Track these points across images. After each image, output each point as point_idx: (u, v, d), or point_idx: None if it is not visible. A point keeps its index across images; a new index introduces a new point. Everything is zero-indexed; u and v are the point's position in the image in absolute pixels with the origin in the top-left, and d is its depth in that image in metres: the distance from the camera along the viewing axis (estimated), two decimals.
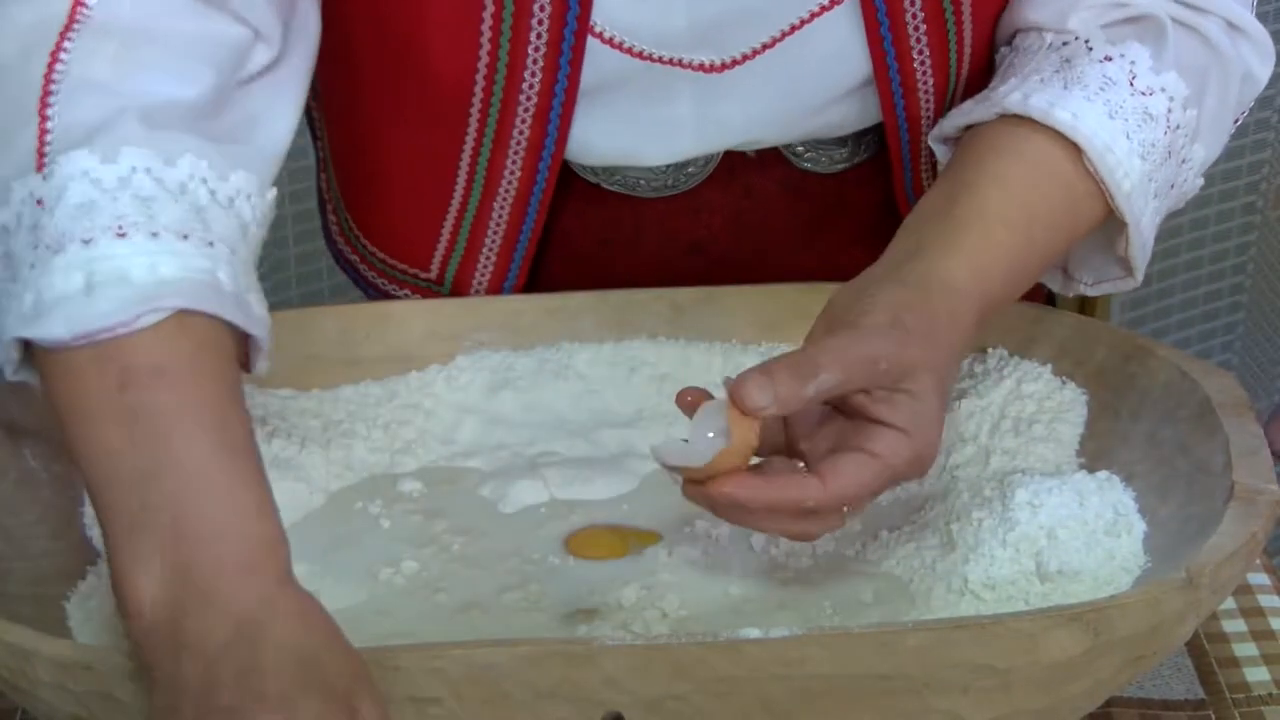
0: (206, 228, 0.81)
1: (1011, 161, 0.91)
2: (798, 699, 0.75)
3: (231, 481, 0.76)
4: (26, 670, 0.75)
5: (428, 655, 0.74)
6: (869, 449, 0.81)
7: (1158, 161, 0.92)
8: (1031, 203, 0.90)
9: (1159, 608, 0.77)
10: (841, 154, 1.07)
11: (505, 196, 1.03)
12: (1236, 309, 2.32)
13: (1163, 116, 0.92)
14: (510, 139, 1.00)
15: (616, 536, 0.93)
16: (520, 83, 0.97)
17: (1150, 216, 0.93)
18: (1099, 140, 0.90)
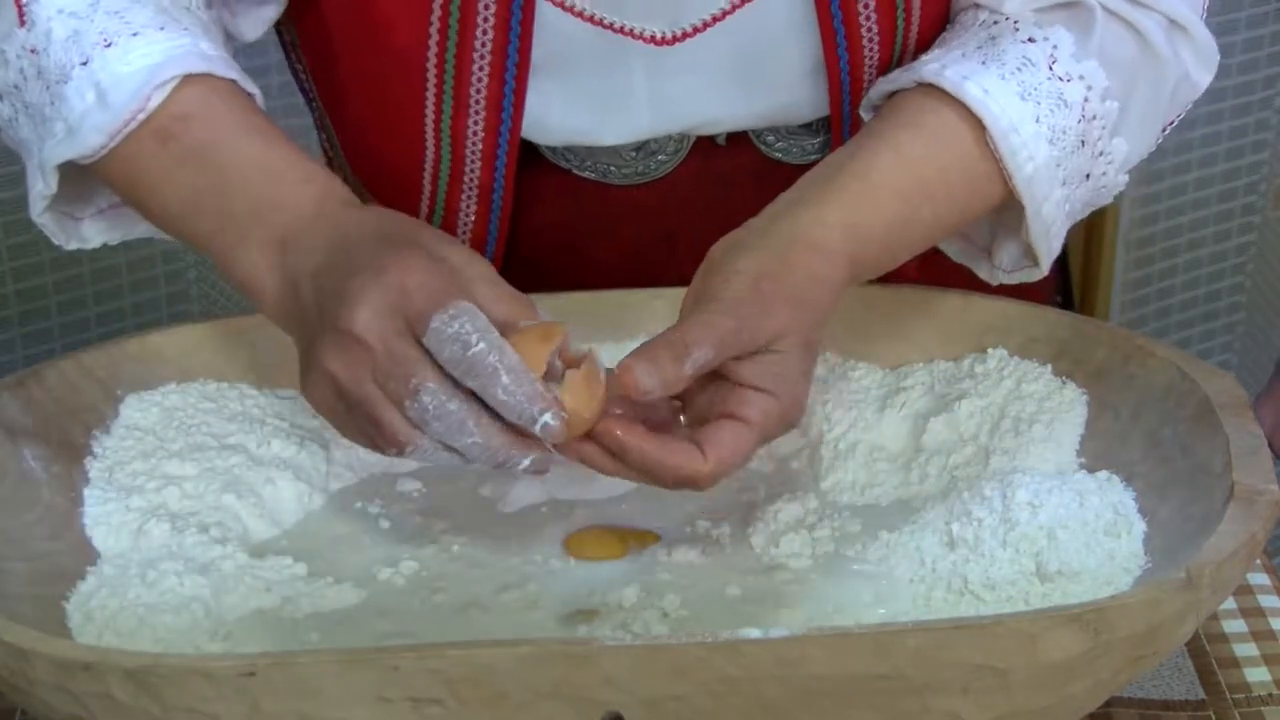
0: (175, 20, 0.92)
1: (913, 131, 0.92)
2: (797, 699, 0.75)
3: (278, 164, 0.89)
4: (26, 670, 0.75)
5: (428, 655, 0.74)
6: (742, 415, 0.83)
7: (1068, 149, 0.92)
8: (925, 174, 0.91)
9: (1159, 608, 0.77)
10: (813, 144, 1.07)
11: (473, 159, 1.03)
12: (1236, 309, 2.32)
13: (1078, 104, 0.92)
14: (469, 101, 1.01)
15: (615, 537, 0.93)
16: (473, 43, 0.98)
17: (1057, 204, 0.93)
18: (1005, 120, 0.91)
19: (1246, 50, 2.13)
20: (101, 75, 0.90)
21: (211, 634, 0.84)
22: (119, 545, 0.90)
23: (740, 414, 0.83)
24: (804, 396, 0.86)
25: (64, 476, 0.92)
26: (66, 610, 0.85)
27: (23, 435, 0.91)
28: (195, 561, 0.88)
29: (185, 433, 0.96)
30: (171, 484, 0.93)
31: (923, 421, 0.98)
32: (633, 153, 1.06)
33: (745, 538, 0.92)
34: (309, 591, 0.89)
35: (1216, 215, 2.24)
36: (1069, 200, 0.94)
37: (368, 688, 0.74)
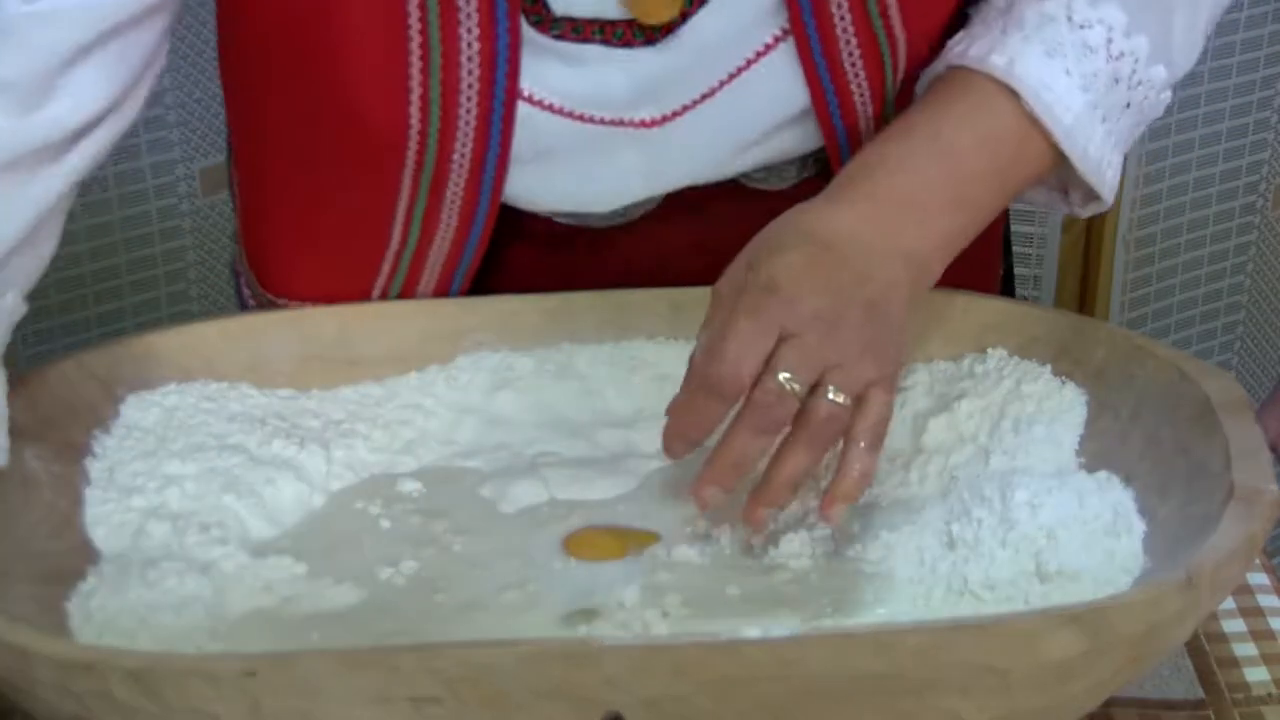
0: None
1: (949, 114, 0.94)
2: (797, 699, 0.75)
3: None
4: (26, 670, 0.75)
5: (428, 655, 0.74)
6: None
7: (1102, 90, 0.94)
8: (968, 158, 0.93)
9: (1158, 608, 0.77)
10: (790, 172, 1.07)
11: (443, 239, 1.03)
12: (1236, 309, 2.32)
13: (1102, 47, 0.94)
14: (445, 193, 1.00)
15: (615, 537, 0.93)
16: (452, 144, 0.97)
17: (1100, 142, 0.95)
18: (1034, 80, 0.93)
19: (1246, 50, 2.13)
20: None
21: (212, 634, 0.84)
22: (119, 545, 0.90)
23: None
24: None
25: (64, 476, 0.92)
26: (67, 610, 0.85)
27: (23, 435, 0.91)
28: (196, 561, 0.88)
29: (185, 433, 0.96)
30: (172, 484, 0.93)
31: (922, 421, 0.98)
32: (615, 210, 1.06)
33: (745, 538, 0.92)
34: (309, 591, 0.89)
35: (1216, 215, 2.24)
36: (1113, 133, 0.96)
37: (368, 687, 0.74)
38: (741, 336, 0.87)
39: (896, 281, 0.90)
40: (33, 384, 0.94)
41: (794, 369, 0.87)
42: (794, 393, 0.87)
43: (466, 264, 1.04)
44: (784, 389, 0.87)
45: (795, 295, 0.87)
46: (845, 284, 0.88)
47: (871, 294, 0.89)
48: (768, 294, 0.87)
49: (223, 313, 1.68)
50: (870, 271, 0.89)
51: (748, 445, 0.88)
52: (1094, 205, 1.00)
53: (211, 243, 1.79)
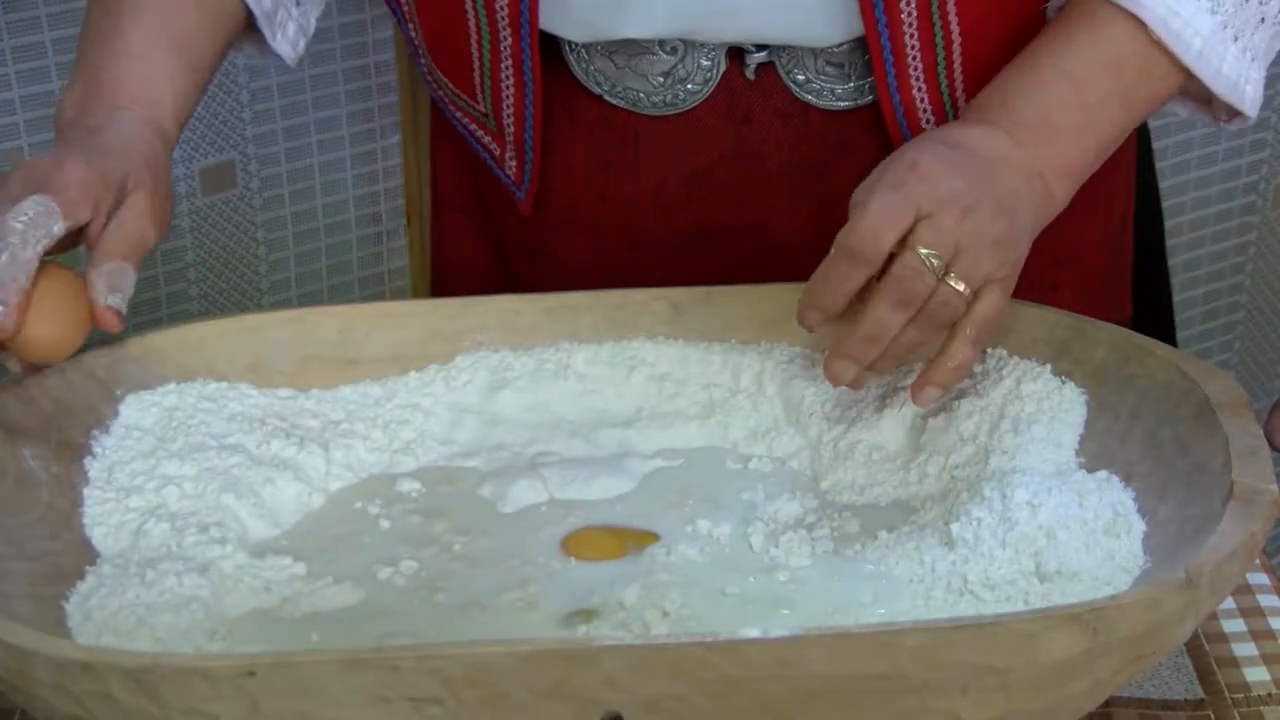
0: None
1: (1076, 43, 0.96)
2: (797, 699, 0.75)
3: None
4: (26, 670, 0.75)
5: (427, 655, 0.74)
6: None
7: (1231, 9, 0.95)
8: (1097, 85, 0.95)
9: (1158, 608, 0.77)
10: (844, 89, 1.07)
11: (504, 27, 1.05)
12: (1236, 309, 2.32)
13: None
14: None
15: (614, 537, 0.93)
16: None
17: (1234, 60, 0.96)
18: (1160, 7, 0.94)
19: None
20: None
21: (211, 634, 0.84)
22: (118, 545, 0.90)
23: None
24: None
25: (63, 476, 0.92)
26: (66, 610, 0.85)
27: (22, 435, 0.91)
28: (195, 561, 0.88)
29: (185, 433, 0.96)
30: (171, 484, 0.93)
31: (922, 421, 0.98)
32: (661, 78, 1.07)
33: (745, 538, 0.92)
34: (309, 591, 0.89)
35: (1216, 215, 2.24)
36: (1248, 49, 0.97)
37: (368, 688, 0.74)
38: (883, 205, 0.89)
39: (1020, 191, 0.92)
40: (32, 384, 0.94)
41: (933, 245, 0.89)
42: (933, 268, 0.89)
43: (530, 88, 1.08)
44: (924, 263, 0.89)
45: (935, 175, 0.89)
46: (979, 175, 0.90)
47: (1000, 192, 0.91)
48: (909, 170, 0.89)
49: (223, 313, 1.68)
50: (999, 174, 0.92)
51: (886, 318, 0.90)
52: (1238, 120, 1.01)
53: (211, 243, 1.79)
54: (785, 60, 1.06)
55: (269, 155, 1.76)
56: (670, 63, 1.07)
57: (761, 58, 1.06)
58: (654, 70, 1.07)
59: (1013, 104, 0.95)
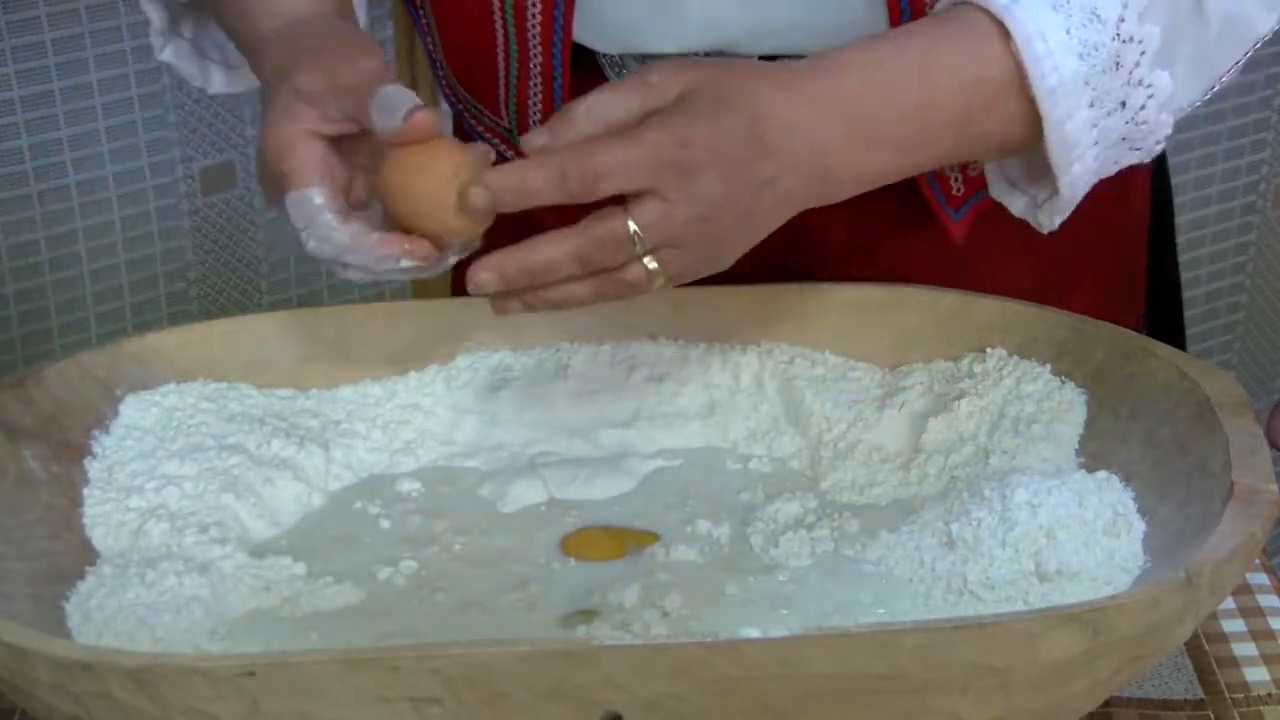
0: None
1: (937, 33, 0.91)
2: (797, 699, 0.75)
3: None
4: (26, 670, 0.75)
5: (427, 655, 0.74)
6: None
7: (1100, 67, 0.90)
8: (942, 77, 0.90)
9: (1158, 607, 0.77)
10: None
11: (534, 43, 1.04)
12: (1236, 309, 2.32)
13: (1112, 22, 0.90)
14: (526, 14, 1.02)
15: (613, 538, 0.93)
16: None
17: (1082, 124, 0.91)
18: (1031, 25, 0.89)
19: None
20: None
21: (211, 634, 0.84)
22: (118, 545, 0.90)
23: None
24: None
25: (63, 476, 0.92)
26: (66, 610, 0.85)
27: (22, 435, 0.91)
28: (195, 561, 0.88)
29: (185, 433, 0.96)
30: (171, 484, 0.93)
31: (922, 421, 0.98)
32: None
33: (745, 538, 0.92)
34: (309, 591, 0.89)
35: (1216, 215, 2.24)
36: (1098, 126, 0.91)
37: (368, 688, 0.74)
38: (630, 160, 0.83)
39: (795, 198, 0.88)
40: (32, 384, 0.94)
41: (648, 229, 0.84)
42: (634, 248, 0.84)
43: (558, 88, 1.06)
44: (629, 239, 0.84)
45: (699, 167, 0.84)
46: (746, 184, 0.85)
47: (763, 204, 0.86)
48: (680, 147, 0.84)
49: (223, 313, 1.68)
50: (779, 180, 0.86)
51: (560, 263, 0.85)
52: (1050, 205, 0.96)
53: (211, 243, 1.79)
54: None
55: None
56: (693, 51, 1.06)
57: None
58: None
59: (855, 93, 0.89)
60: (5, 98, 1.62)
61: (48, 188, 1.68)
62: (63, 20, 1.62)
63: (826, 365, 1.02)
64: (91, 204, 1.73)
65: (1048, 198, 0.96)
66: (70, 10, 1.62)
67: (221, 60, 1.09)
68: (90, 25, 1.64)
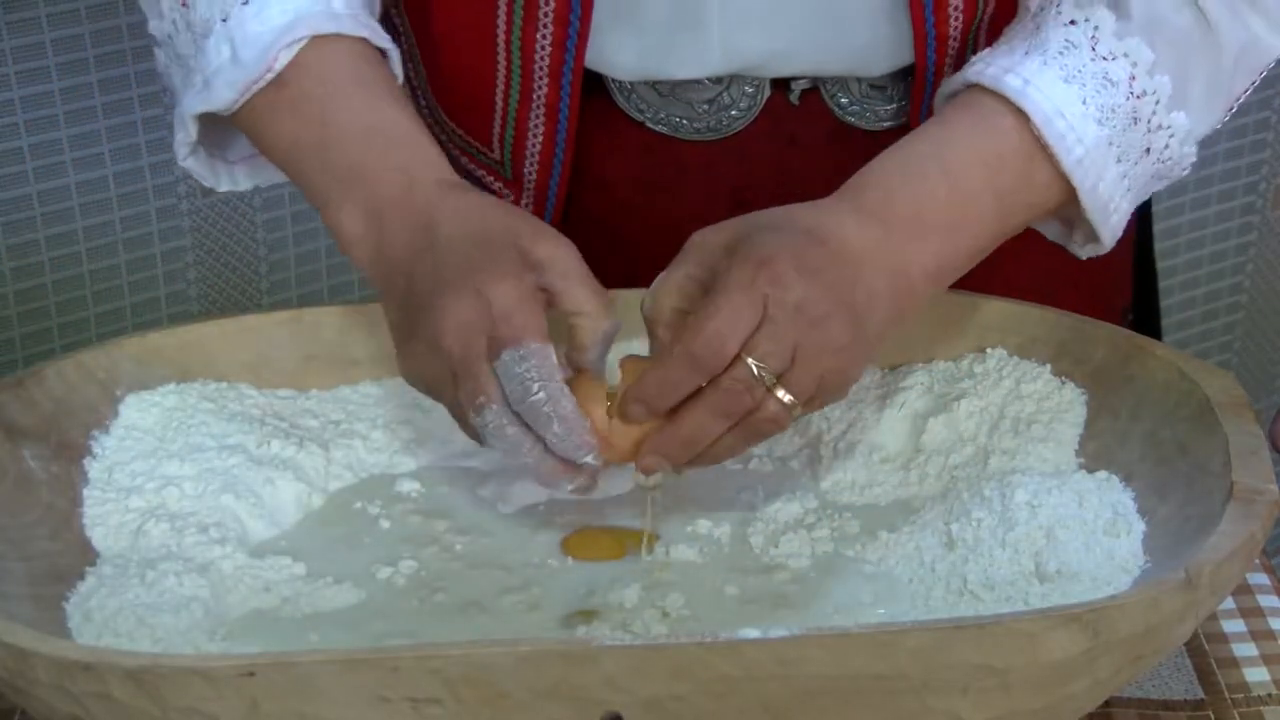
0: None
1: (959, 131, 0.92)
2: (797, 699, 0.75)
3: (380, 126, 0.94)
4: (25, 670, 0.75)
5: (427, 655, 0.74)
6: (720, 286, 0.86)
7: (1120, 127, 0.92)
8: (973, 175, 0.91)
9: (1158, 608, 0.77)
10: (886, 110, 1.07)
11: (540, 75, 1.04)
12: (1236, 309, 2.32)
13: (1124, 82, 0.92)
14: (537, 14, 1.01)
15: (611, 538, 0.93)
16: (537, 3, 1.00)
17: (1112, 182, 0.93)
18: (1048, 105, 0.90)
19: None
20: (236, 32, 0.94)
21: (211, 634, 0.84)
22: (118, 545, 0.90)
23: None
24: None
25: (63, 477, 0.92)
26: (66, 610, 0.85)
27: (22, 435, 0.91)
28: (194, 562, 0.88)
29: (185, 433, 0.96)
30: (171, 484, 0.93)
31: (922, 421, 0.98)
32: (705, 105, 1.06)
33: (745, 538, 0.92)
34: (308, 591, 0.89)
35: (1216, 215, 2.24)
36: (1128, 176, 0.93)
37: (367, 688, 0.74)
38: (731, 310, 0.85)
39: (879, 293, 0.88)
40: (32, 384, 0.94)
41: (766, 358, 0.85)
42: (762, 380, 0.85)
43: (563, 134, 1.06)
44: (753, 376, 0.85)
45: (785, 278, 0.85)
46: (834, 282, 0.86)
47: (857, 299, 0.87)
48: (760, 268, 0.85)
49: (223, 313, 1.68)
50: (859, 277, 0.87)
51: (707, 425, 0.86)
52: (1092, 248, 0.98)
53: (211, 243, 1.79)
54: (829, 85, 1.06)
55: None
56: (715, 91, 1.06)
57: (805, 85, 1.06)
58: (699, 98, 1.06)
59: (885, 196, 0.91)
60: (5, 98, 1.62)
61: (48, 188, 1.68)
62: (63, 20, 1.62)
63: None
64: (91, 204, 1.73)
65: (1086, 241, 0.98)
66: (70, 10, 1.62)
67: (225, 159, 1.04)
68: (90, 25, 1.64)
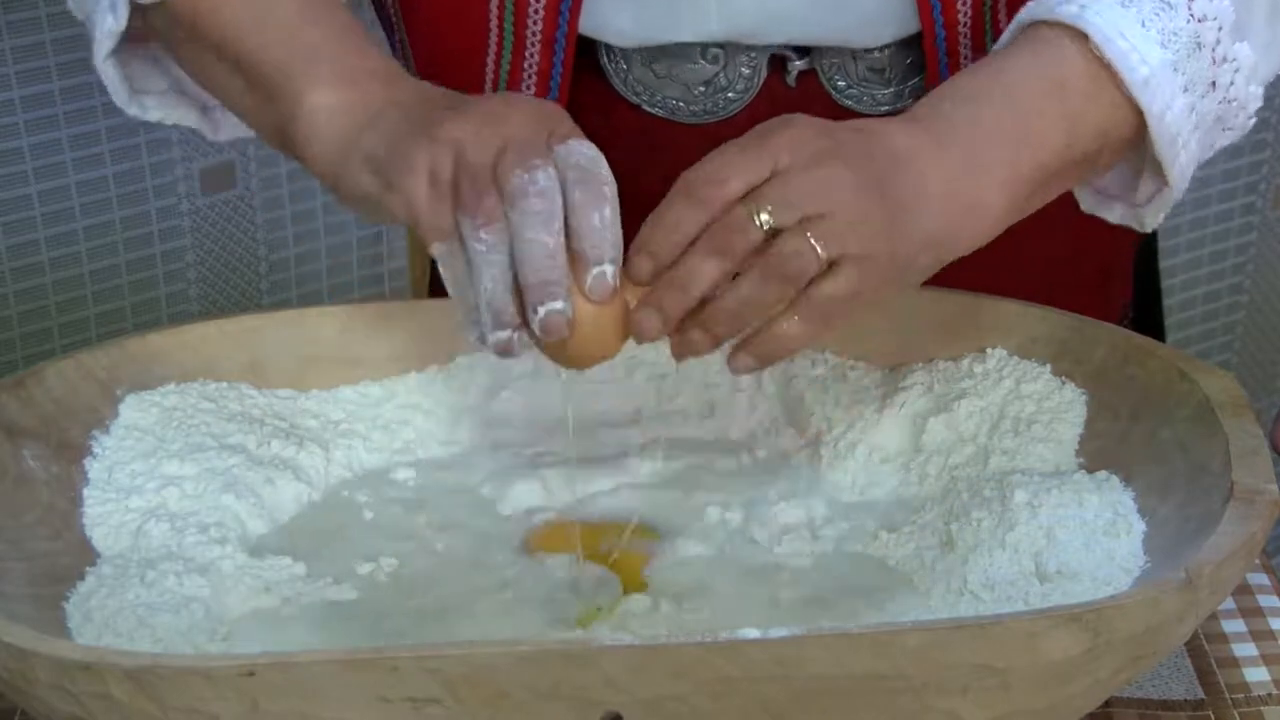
0: None
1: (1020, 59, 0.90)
2: (797, 699, 0.75)
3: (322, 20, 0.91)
4: (26, 670, 0.75)
5: (427, 655, 0.74)
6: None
7: (1183, 52, 0.89)
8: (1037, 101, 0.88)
9: (1158, 608, 0.77)
10: (884, 95, 1.07)
11: (533, 42, 1.03)
12: (1236, 309, 2.32)
13: (1183, 6, 0.89)
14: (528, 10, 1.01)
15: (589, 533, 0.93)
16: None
17: (1180, 113, 0.90)
18: (1108, 27, 0.88)
19: None
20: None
21: (211, 634, 0.84)
22: (118, 545, 0.90)
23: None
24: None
25: (63, 476, 0.92)
26: (66, 610, 0.85)
27: (22, 435, 0.91)
28: (194, 562, 0.88)
29: (185, 433, 0.96)
30: (171, 484, 0.93)
31: (922, 421, 0.98)
32: (701, 87, 1.06)
33: (745, 537, 0.92)
34: (309, 591, 0.89)
35: (1216, 215, 2.24)
36: (1195, 111, 0.91)
37: (367, 688, 0.74)
38: (738, 149, 0.82)
39: (931, 195, 0.84)
40: (31, 384, 0.94)
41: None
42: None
43: (555, 90, 1.05)
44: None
45: (805, 136, 0.82)
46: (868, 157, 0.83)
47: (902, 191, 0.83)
48: (784, 125, 0.83)
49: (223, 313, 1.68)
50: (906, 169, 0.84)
51: (696, 265, 0.82)
52: (1159, 201, 0.94)
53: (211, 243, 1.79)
54: (827, 67, 1.06)
55: (269, 155, 1.76)
56: (712, 71, 1.06)
57: (803, 65, 1.06)
58: (695, 79, 1.06)
59: (944, 106, 0.88)
60: (5, 98, 1.62)
61: (48, 188, 1.68)
62: (63, 20, 1.62)
63: (826, 365, 1.02)
64: (91, 204, 1.73)
65: (1150, 196, 0.95)
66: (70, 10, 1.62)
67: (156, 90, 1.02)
68: None
